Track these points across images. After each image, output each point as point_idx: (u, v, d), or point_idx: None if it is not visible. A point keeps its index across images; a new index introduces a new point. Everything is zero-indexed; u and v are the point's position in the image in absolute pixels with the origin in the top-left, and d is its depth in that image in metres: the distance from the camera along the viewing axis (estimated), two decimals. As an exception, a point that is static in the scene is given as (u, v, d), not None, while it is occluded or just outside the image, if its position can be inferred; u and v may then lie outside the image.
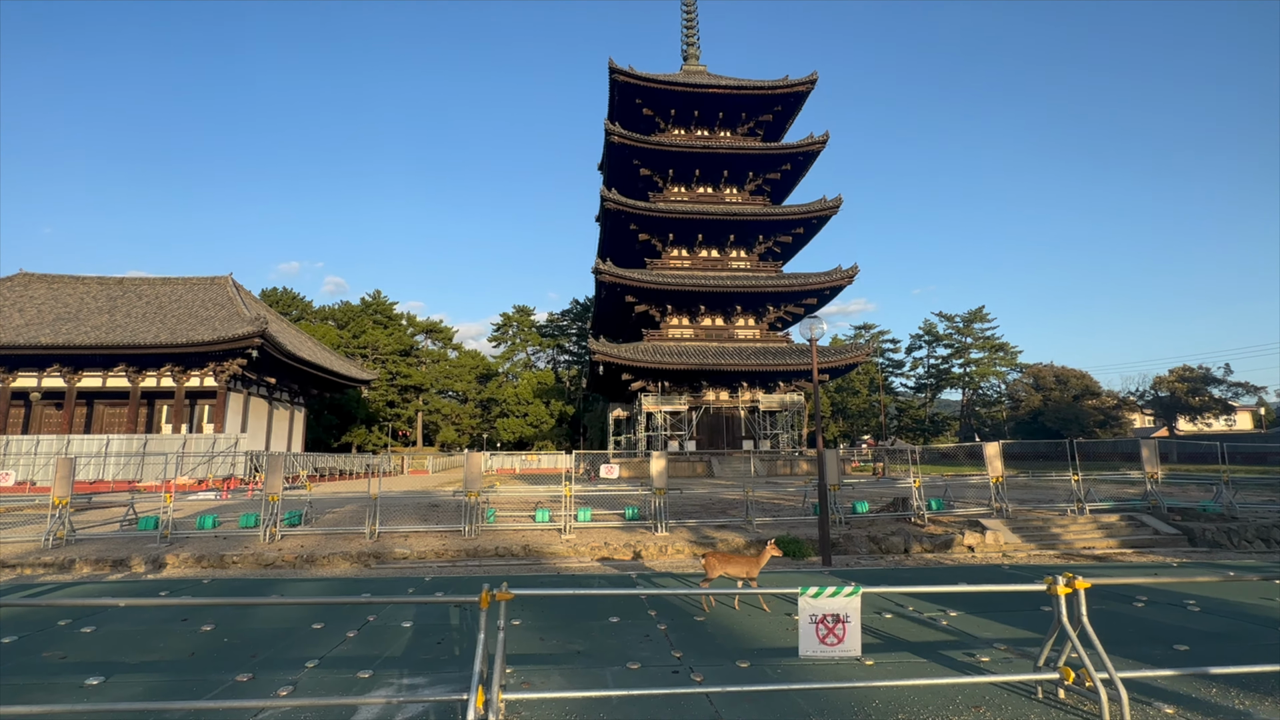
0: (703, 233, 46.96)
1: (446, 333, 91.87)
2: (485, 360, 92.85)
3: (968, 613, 8.08)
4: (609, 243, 48.69)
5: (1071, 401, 70.09)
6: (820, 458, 13.64)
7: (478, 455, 17.01)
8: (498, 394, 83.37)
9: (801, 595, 5.04)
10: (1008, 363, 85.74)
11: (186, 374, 39.07)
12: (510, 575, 11.90)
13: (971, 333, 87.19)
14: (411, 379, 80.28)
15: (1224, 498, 18.05)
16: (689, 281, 43.41)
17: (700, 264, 47.72)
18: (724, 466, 39.64)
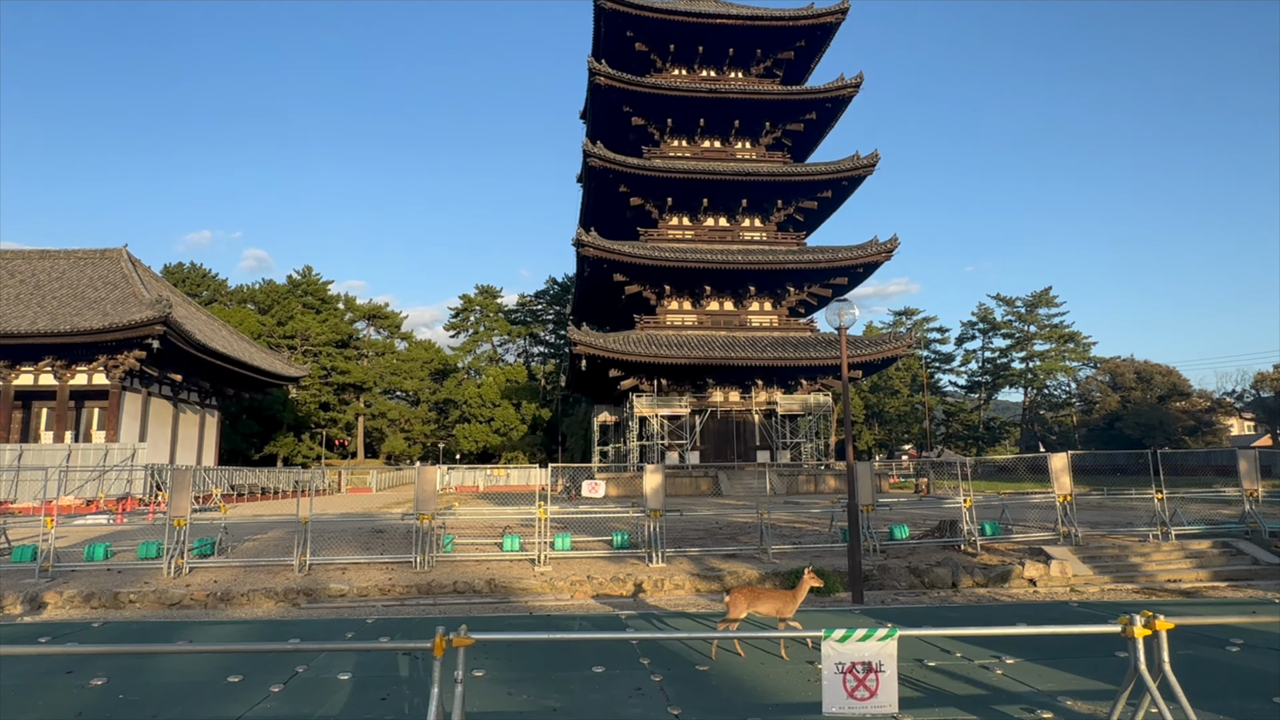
0: (709, 196, 46.97)
1: (394, 319, 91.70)
2: (441, 353, 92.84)
3: (1027, 660, 8.16)
4: (594, 209, 48.62)
5: (1155, 404, 70.76)
6: (851, 472, 13.73)
7: (432, 470, 16.99)
8: (457, 394, 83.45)
9: (826, 639, 5.08)
10: (1079, 356, 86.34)
11: (71, 369, 38.75)
12: (472, 616, 11.92)
13: (1036, 320, 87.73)
14: (351, 376, 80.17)
15: (1337, 520, 18.29)
16: (692, 256, 43.47)
17: (706, 235, 47.77)
18: (734, 483, 39.82)
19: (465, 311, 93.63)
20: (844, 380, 14.11)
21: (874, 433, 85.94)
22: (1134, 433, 66.38)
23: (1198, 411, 71.11)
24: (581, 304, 52.76)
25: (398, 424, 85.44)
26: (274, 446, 72.88)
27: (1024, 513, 21.53)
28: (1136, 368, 76.02)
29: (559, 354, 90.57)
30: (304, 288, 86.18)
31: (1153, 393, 73.06)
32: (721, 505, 29.48)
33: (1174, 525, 18.32)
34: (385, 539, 18.88)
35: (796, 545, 17.83)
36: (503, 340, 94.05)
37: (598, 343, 41.28)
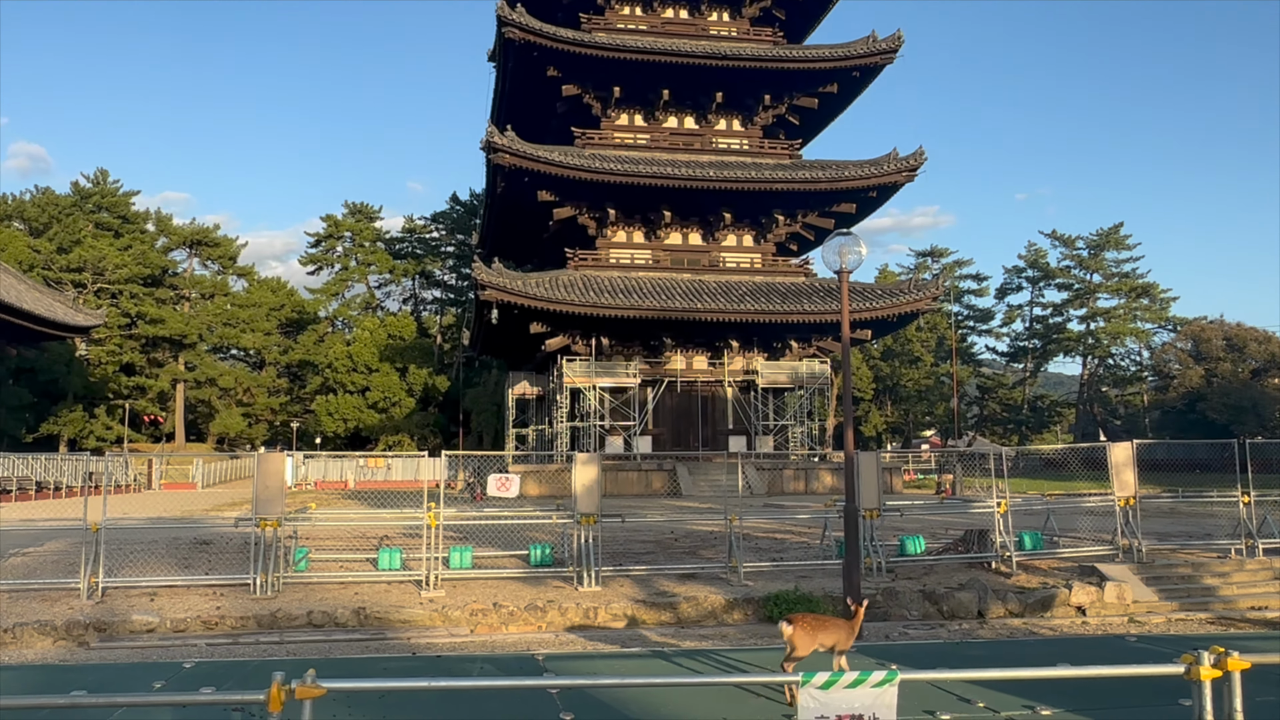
0: (671, 86, 46.66)
1: (227, 247, 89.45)
2: (296, 296, 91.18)
3: (1069, 711, 8.51)
4: (512, 100, 47.87)
5: (1249, 379, 73.91)
6: (850, 465, 14.02)
7: (279, 458, 16.77)
8: (317, 354, 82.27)
9: (804, 685, 5.22)
10: (1154, 316, 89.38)
11: None
12: (331, 659, 11.89)
13: (1101, 266, 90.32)
14: (166, 326, 78.24)
15: None
16: (646, 168, 43.28)
17: (666, 140, 47.59)
18: (697, 478, 40.36)
19: (330, 239, 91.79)
20: (844, 343, 14.33)
21: (885, 414, 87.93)
22: (1220, 416, 69.36)
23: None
24: (494, 232, 52.17)
25: (233, 395, 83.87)
26: (55, 424, 70.84)
27: (1075, 520, 22.36)
28: (1226, 332, 79.11)
29: (461, 300, 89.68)
30: (97, 200, 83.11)
31: (1246, 365, 76.25)
32: (680, 508, 29.85)
33: (1263, 537, 19.28)
34: (213, 553, 18.63)
35: (777, 562, 18.21)
36: (383, 280, 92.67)
37: (514, 286, 40.97)
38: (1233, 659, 5.32)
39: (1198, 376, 76.54)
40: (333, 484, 55.53)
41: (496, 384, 69.17)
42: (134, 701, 7.95)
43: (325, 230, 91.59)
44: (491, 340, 50.54)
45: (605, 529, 17.98)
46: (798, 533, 23.22)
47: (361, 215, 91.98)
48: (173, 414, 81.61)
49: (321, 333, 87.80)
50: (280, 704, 4.84)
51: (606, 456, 41.38)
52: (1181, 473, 52.94)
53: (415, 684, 5.43)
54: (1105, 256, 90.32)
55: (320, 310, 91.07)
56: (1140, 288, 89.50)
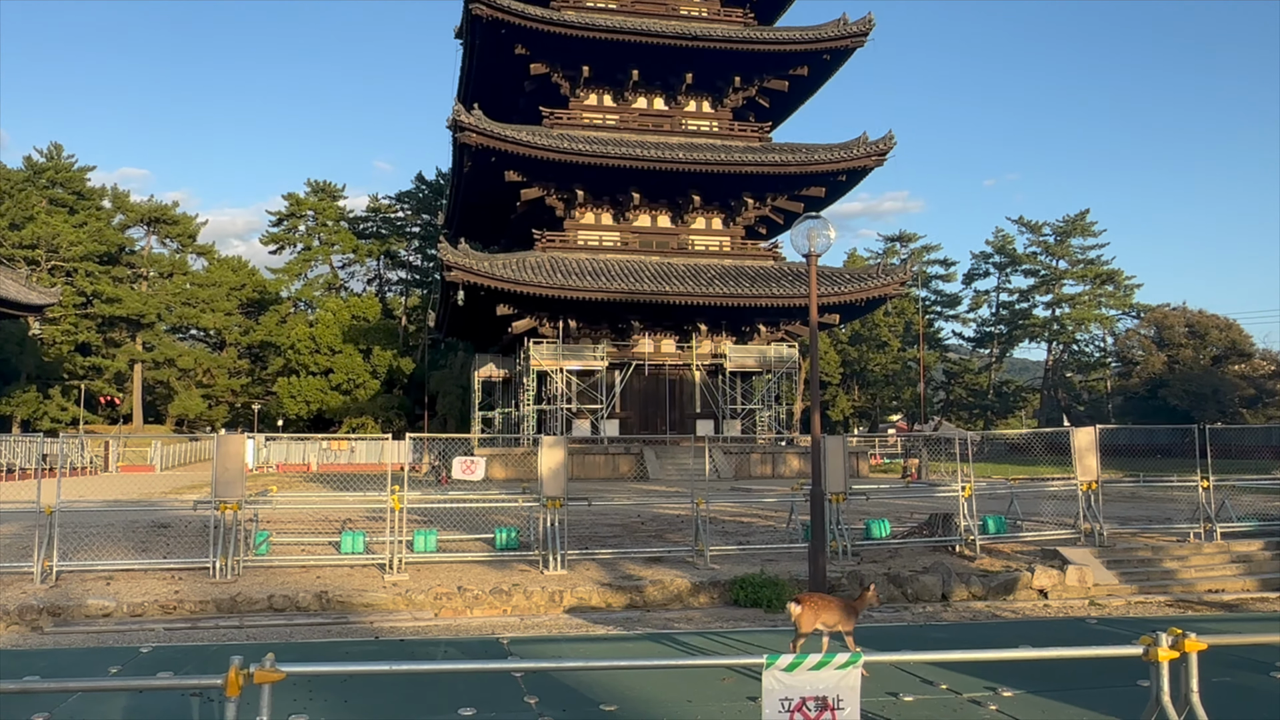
0: (640, 66, 46.47)
1: (187, 225, 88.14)
2: (258, 276, 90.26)
3: (1030, 692, 8.66)
4: (479, 78, 47.45)
5: (1210, 366, 75.26)
6: (816, 449, 14.12)
7: (239, 440, 16.60)
8: (279, 335, 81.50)
9: (768, 668, 5.24)
10: (1119, 302, 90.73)
11: None
12: (293, 642, 11.82)
13: (1067, 253, 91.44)
14: (123, 305, 77.00)
15: None
16: (615, 149, 43.14)
17: (635, 121, 47.43)
18: (664, 462, 40.49)
19: (292, 218, 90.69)
20: (812, 327, 14.40)
21: (853, 398, 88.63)
22: (1181, 403, 70.64)
23: (1259, 377, 76.07)
24: (460, 213, 51.80)
25: (193, 375, 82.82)
26: (7, 405, 69.61)
27: (1038, 504, 22.71)
28: (1189, 319, 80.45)
29: (427, 282, 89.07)
30: (51, 176, 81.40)
31: (1207, 352, 77.63)
32: (647, 492, 29.95)
33: (1220, 521, 19.66)
34: (171, 536, 18.45)
35: (743, 545, 18.32)
36: (347, 260, 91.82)
37: (481, 267, 40.73)
38: (1189, 641, 5.43)
39: (1160, 363, 77.85)
40: (295, 467, 55.08)
41: (462, 366, 68.86)
42: (89, 686, 7.85)
43: (288, 209, 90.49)
44: (457, 322, 50.28)
45: (571, 512, 17.99)
46: (764, 516, 23.37)
47: (325, 194, 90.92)
48: (130, 395, 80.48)
49: (284, 313, 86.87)
50: (238, 688, 4.80)
51: (573, 440, 41.38)
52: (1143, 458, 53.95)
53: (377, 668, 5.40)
54: (1071, 243, 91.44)
55: (282, 290, 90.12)
56: (1105, 274, 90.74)
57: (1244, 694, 8.75)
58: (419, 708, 8.14)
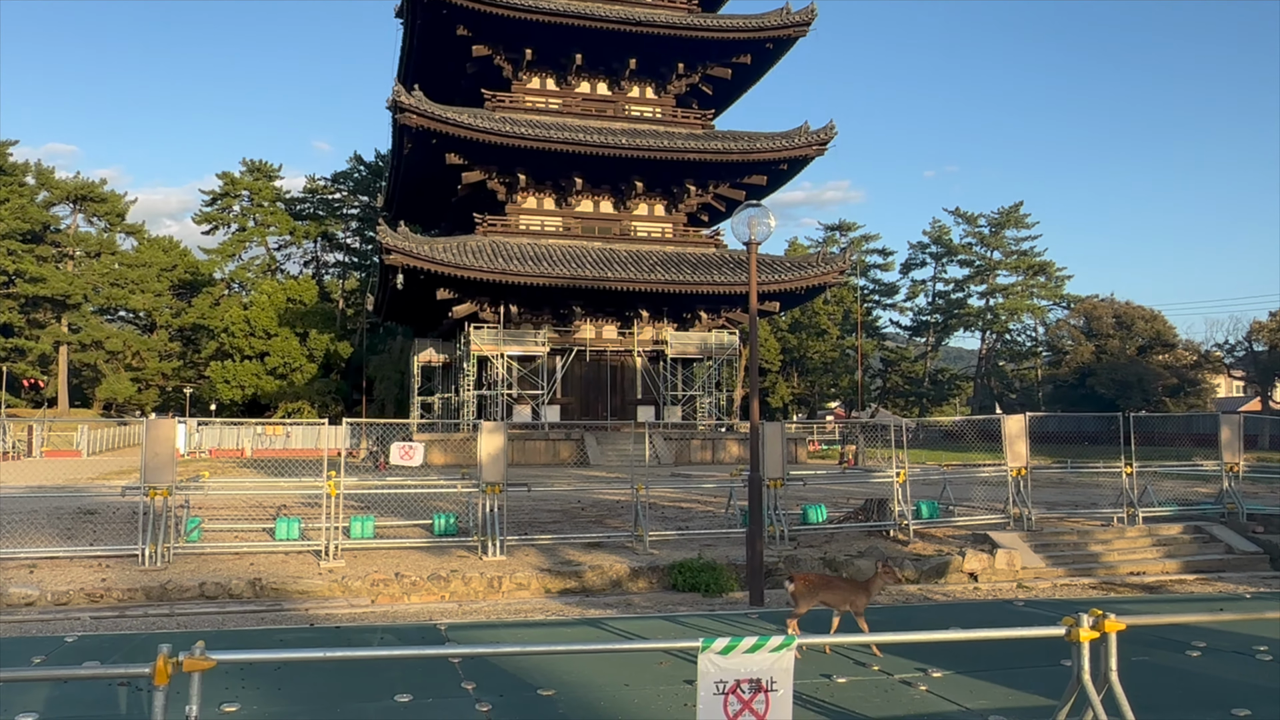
0: (584, 50, 46.24)
1: (115, 203, 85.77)
2: (190, 257, 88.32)
3: (958, 672, 8.88)
4: (420, 58, 46.79)
5: (1135, 356, 77.57)
6: (755, 435, 14.26)
7: (170, 425, 16.27)
8: (213, 318, 79.87)
9: (704, 651, 5.30)
10: (1050, 293, 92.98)
11: None
12: (225, 630, 11.64)
13: (1001, 244, 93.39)
14: (48, 285, 74.81)
15: (1322, 500, 20.88)
16: (558, 134, 42.91)
17: (578, 106, 47.21)
18: (605, 448, 40.55)
19: (226, 197, 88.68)
20: (751, 314, 14.51)
21: (792, 385, 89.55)
22: (1108, 391, 72.75)
23: (1181, 367, 78.64)
24: (400, 195, 51.12)
25: (121, 358, 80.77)
26: (-75, 387, 67.19)
27: (970, 490, 23.23)
28: (1116, 310, 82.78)
29: (366, 264, 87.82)
30: (-30, 150, 78.61)
31: (1133, 342, 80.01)
32: (588, 477, 30.00)
33: (1143, 506, 20.35)
34: (98, 523, 18.05)
35: (682, 531, 18.46)
36: (283, 242, 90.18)
37: (420, 250, 40.27)
38: (1109, 621, 5.61)
39: (1089, 352, 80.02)
40: (228, 452, 54.00)
41: (402, 351, 68.12)
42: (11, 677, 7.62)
43: (222, 188, 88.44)
44: (397, 306, 49.72)
45: (511, 498, 17.96)
46: (704, 502, 23.57)
47: (260, 173, 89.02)
48: (55, 378, 78.24)
49: (217, 295, 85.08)
50: (166, 677, 4.71)
51: (514, 425, 41.26)
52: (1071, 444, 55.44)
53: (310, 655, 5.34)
54: (1005, 235, 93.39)
55: (216, 272, 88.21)
56: (1037, 266, 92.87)
57: (1161, 672, 9.08)
58: (354, 695, 8.08)
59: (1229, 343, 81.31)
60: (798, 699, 7.53)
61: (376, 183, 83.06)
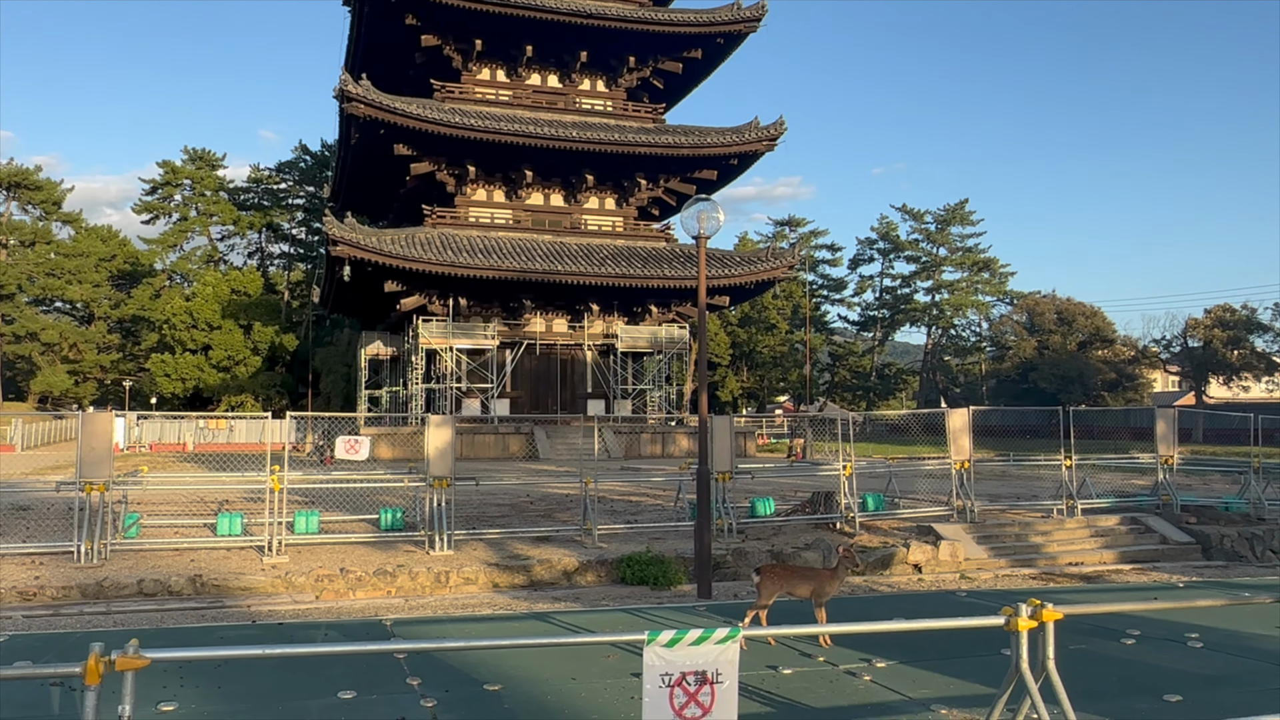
0: (534, 41, 46.00)
1: (50, 191, 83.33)
2: (130, 247, 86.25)
3: (901, 662, 9.03)
4: (368, 47, 46.20)
5: (1076, 351, 79.31)
6: (703, 429, 14.31)
7: (107, 419, 15.90)
8: (154, 309, 78.13)
9: (649, 644, 5.30)
10: (994, 289, 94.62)
11: None
12: (164, 628, 11.42)
13: (947, 240, 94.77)
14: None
15: (1252, 492, 21.54)
16: (508, 125, 42.64)
17: (529, 97, 46.97)
18: (555, 442, 40.45)
19: (168, 186, 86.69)
20: (700, 308, 14.55)
21: (742, 379, 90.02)
22: (1050, 385, 74.27)
23: (1119, 362, 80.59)
24: (348, 186, 50.46)
25: (58, 350, 78.63)
26: None
27: (915, 482, 23.58)
28: (1058, 306, 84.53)
29: (312, 256, 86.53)
30: (-103, 134, 75.98)
31: (1074, 337, 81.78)
32: (537, 471, 29.88)
33: (1082, 498, 20.80)
34: (32, 519, 17.59)
35: (631, 524, 18.48)
36: (226, 232, 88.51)
37: (368, 242, 39.78)
38: (1047, 611, 5.71)
39: (1031, 348, 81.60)
40: (170, 446, 52.90)
41: (349, 344, 67.27)
42: (-64, 679, 7.42)
43: (163, 177, 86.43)
44: (344, 298, 49.08)
45: (459, 492, 17.83)
46: (653, 495, 23.64)
47: (203, 162, 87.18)
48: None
49: (158, 286, 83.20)
50: (98, 676, 4.59)
51: (463, 419, 40.99)
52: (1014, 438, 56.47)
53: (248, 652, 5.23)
54: (951, 231, 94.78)
55: (156, 262, 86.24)
56: (982, 262, 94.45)
57: (1097, 660, 9.31)
58: (297, 692, 7.98)
59: (1165, 339, 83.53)
60: (744, 690, 7.59)
61: (323, 173, 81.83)
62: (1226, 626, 10.69)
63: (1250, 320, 77.19)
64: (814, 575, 10.02)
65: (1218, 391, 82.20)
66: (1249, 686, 8.39)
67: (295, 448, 39.28)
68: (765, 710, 7.56)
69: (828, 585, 9.69)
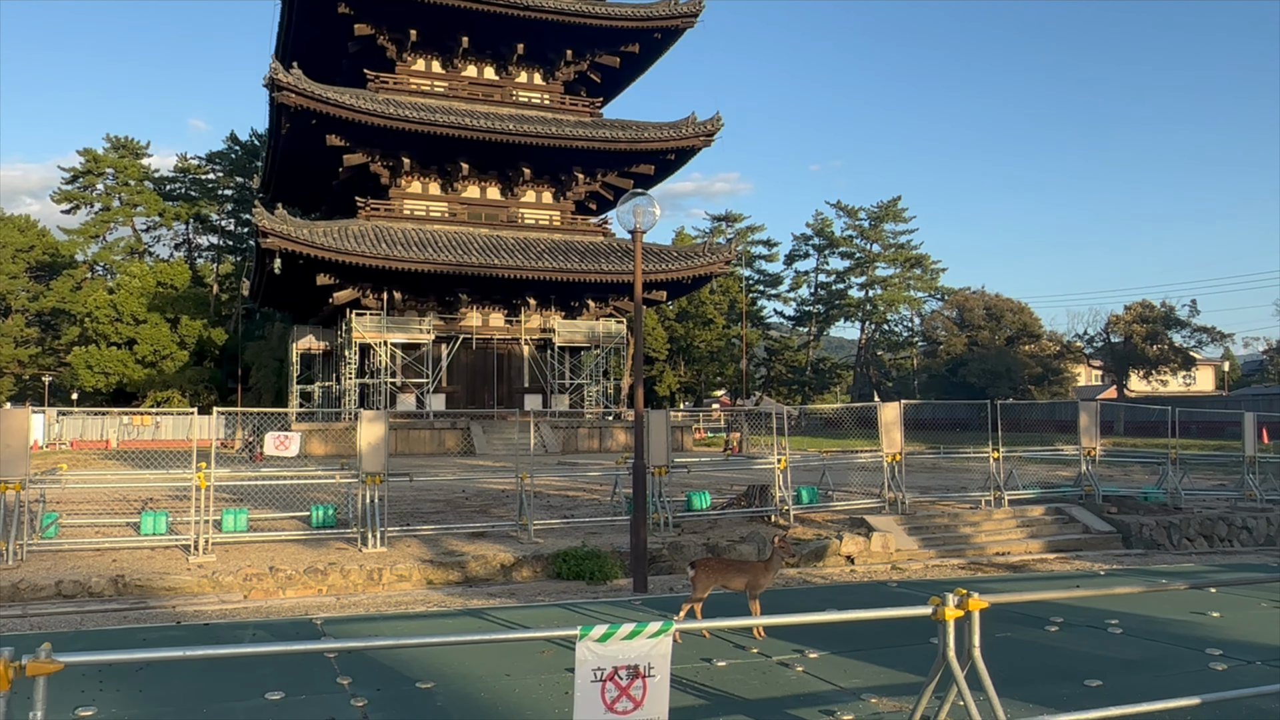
0: (470, 33, 45.56)
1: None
2: (50, 238, 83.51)
3: (834, 652, 9.14)
4: (300, 35, 45.30)
5: (1004, 346, 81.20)
6: (639, 423, 14.31)
7: (23, 414, 15.39)
8: (74, 302, 75.80)
9: (582, 639, 5.27)
10: (926, 285, 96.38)
11: None
12: (84, 631, 11.08)
13: (880, 237, 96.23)
14: (-113, 266, 69.45)
15: (1169, 483, 22.29)
16: (443, 117, 42.16)
17: (465, 89, 46.52)
18: (491, 437, 40.19)
19: (89, 175, 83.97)
20: (637, 302, 14.54)
21: (679, 373, 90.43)
22: (979, 380, 75.93)
23: (1045, 357, 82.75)
24: (279, 177, 49.45)
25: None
26: None
27: (848, 475, 23.90)
28: (987, 302, 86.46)
29: (242, 248, 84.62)
30: None
31: (1002, 333, 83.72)
32: (473, 467, 29.68)
33: (1009, 490, 21.31)
34: (-57, 520, 16.88)
35: (568, 519, 18.43)
36: (151, 223, 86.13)
37: (299, 234, 39.03)
38: (973, 600, 5.81)
39: (961, 343, 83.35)
40: (92, 444, 51.37)
41: (280, 338, 65.97)
42: None
43: (84, 165, 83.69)
44: (274, 291, 48.11)
45: (394, 488, 17.61)
46: (590, 490, 23.61)
47: (126, 150, 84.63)
48: (-104, 365, 72.85)
49: (79, 278, 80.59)
50: (8, 682, 4.40)
51: (398, 414, 40.50)
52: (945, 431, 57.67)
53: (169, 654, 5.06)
54: (884, 228, 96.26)
55: (78, 254, 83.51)
56: (914, 258, 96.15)
57: (1022, 647, 9.53)
58: (222, 695, 7.79)
59: (1089, 334, 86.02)
60: (678, 683, 7.61)
61: (253, 163, 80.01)
62: (1144, 613, 11.03)
63: (1169, 316, 79.83)
64: (748, 568, 10.10)
65: (1138, 385, 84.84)
66: (1165, 670, 8.65)
67: (225, 444, 38.45)
68: (699, 703, 7.58)
69: (762, 578, 9.76)
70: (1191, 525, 20.23)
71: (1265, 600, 11.95)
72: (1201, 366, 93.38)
